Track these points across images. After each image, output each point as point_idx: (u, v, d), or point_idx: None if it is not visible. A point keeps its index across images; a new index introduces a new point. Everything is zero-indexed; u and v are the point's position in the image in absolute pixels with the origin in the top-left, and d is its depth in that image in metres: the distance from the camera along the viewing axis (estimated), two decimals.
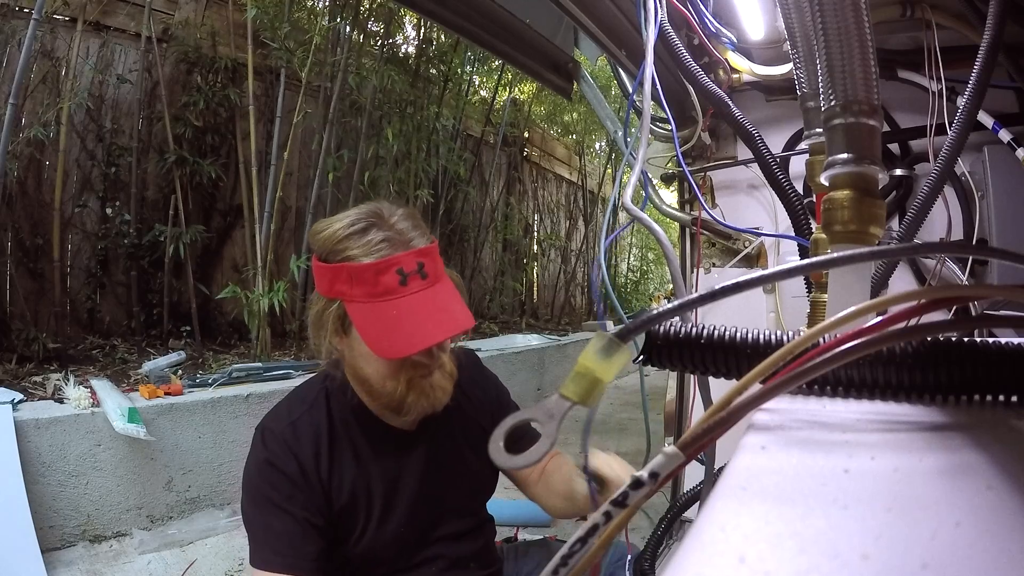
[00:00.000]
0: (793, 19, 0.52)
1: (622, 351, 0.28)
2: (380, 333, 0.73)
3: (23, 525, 1.77)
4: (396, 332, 0.72)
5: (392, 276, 0.73)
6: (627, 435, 3.55)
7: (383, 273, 0.72)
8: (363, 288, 0.73)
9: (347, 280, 0.74)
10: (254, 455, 0.82)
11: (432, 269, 0.76)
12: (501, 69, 5.21)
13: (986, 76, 0.70)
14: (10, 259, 2.92)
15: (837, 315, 0.27)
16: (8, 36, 2.79)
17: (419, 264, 0.74)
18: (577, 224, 7.59)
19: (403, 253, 0.74)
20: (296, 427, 0.82)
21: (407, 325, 0.72)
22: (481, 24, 1.17)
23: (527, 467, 0.29)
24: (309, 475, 0.79)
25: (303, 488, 0.79)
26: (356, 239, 0.74)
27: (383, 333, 0.72)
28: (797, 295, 1.34)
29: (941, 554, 0.16)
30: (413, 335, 0.72)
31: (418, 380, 0.78)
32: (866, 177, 0.41)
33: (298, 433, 0.82)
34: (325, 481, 0.81)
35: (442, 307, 0.75)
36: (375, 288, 0.73)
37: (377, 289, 0.73)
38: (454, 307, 0.77)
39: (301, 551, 0.77)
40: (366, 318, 0.73)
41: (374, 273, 0.72)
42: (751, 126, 0.79)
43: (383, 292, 0.73)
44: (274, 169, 3.32)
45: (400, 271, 0.73)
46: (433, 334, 0.73)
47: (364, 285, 0.73)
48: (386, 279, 0.73)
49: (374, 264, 0.72)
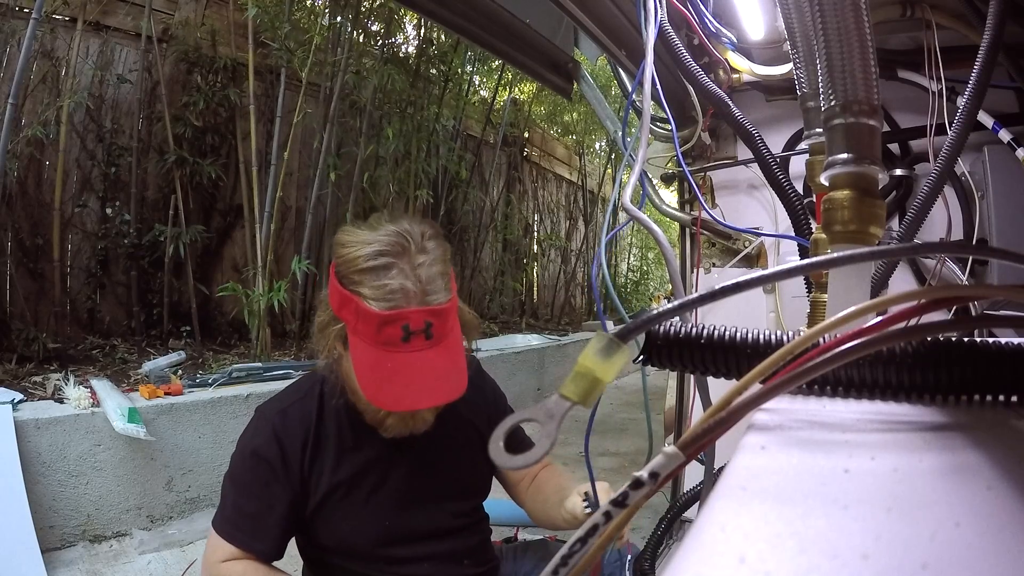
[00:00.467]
0: (793, 19, 0.52)
1: (622, 351, 0.28)
2: (372, 379, 0.73)
3: (23, 525, 1.77)
4: (387, 384, 0.72)
5: (396, 330, 0.72)
6: (627, 435, 3.55)
7: (388, 324, 0.72)
8: (367, 326, 0.73)
9: (354, 314, 0.74)
10: (245, 438, 0.86)
11: (439, 330, 0.74)
12: (501, 69, 5.21)
13: (986, 76, 0.70)
14: (10, 259, 2.92)
15: (837, 315, 0.27)
16: (8, 36, 2.79)
17: (427, 324, 0.73)
18: (577, 224, 7.59)
19: (414, 309, 0.72)
20: (286, 415, 0.85)
21: (399, 382, 0.72)
22: (481, 24, 1.17)
23: (526, 467, 0.29)
24: (290, 463, 0.83)
25: (282, 478, 0.82)
26: (373, 278, 0.73)
27: (375, 380, 0.73)
28: (797, 295, 1.34)
29: (941, 554, 0.16)
30: (401, 395, 0.73)
31: None
32: (866, 177, 0.41)
33: (287, 421, 0.85)
34: (306, 470, 0.84)
35: (439, 373, 0.74)
36: (377, 336, 0.72)
37: (379, 338, 0.72)
38: (451, 373, 0.75)
39: (260, 535, 0.82)
40: (363, 358, 0.74)
41: (379, 322, 0.72)
42: (751, 126, 0.79)
43: (384, 342, 0.72)
44: (274, 169, 3.32)
45: (405, 327, 0.72)
46: (420, 400, 0.74)
47: (368, 328, 0.73)
48: (389, 331, 0.72)
49: (381, 314, 0.71)
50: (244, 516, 0.82)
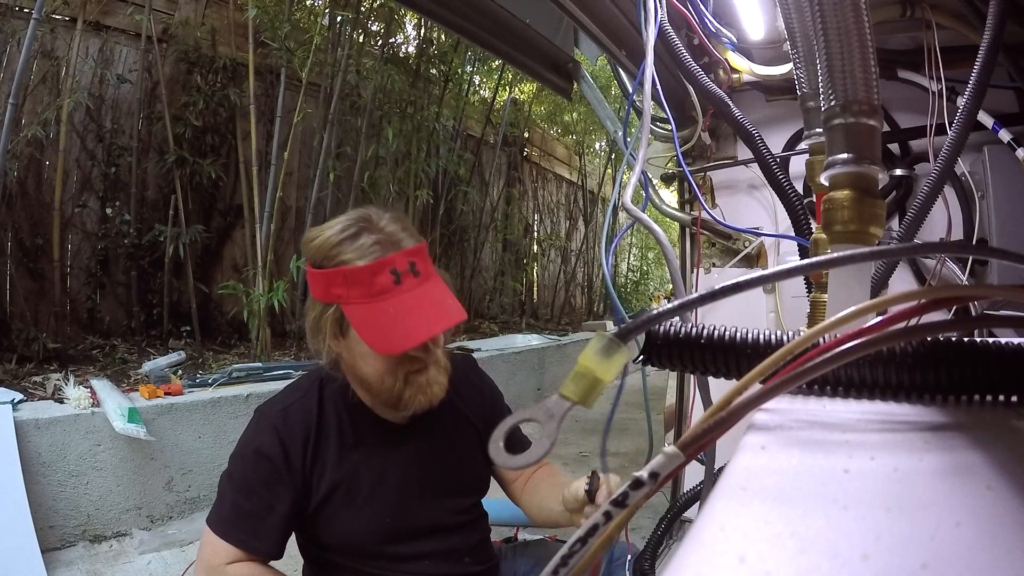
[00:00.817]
0: (793, 19, 0.52)
1: (622, 351, 0.28)
2: (378, 331, 0.75)
3: (23, 525, 1.77)
4: (394, 329, 0.75)
5: (387, 276, 0.76)
6: (627, 435, 3.55)
7: (378, 274, 0.75)
8: (359, 290, 0.76)
9: (343, 283, 0.76)
10: (246, 437, 0.85)
11: (423, 267, 0.79)
12: (501, 69, 5.21)
13: (986, 76, 0.70)
14: (10, 259, 2.92)
15: (837, 315, 0.27)
16: (8, 36, 2.79)
17: (411, 263, 0.78)
18: (577, 224, 7.59)
19: (395, 254, 0.77)
20: (287, 413, 0.85)
21: (404, 321, 0.75)
22: (481, 24, 1.17)
23: (526, 467, 0.29)
24: (293, 462, 0.83)
25: (284, 476, 0.82)
26: (349, 244, 0.77)
27: (381, 331, 0.75)
28: (797, 295, 1.34)
29: (941, 554, 0.16)
30: (411, 330, 0.75)
31: (415, 376, 0.81)
32: (866, 177, 0.41)
33: (288, 419, 0.85)
34: (308, 468, 0.84)
35: (436, 302, 0.78)
36: (371, 289, 0.75)
37: (373, 289, 0.75)
38: (447, 301, 0.80)
39: (260, 534, 0.81)
40: (364, 318, 0.76)
41: (369, 275, 0.75)
42: (751, 126, 0.79)
43: (379, 292, 0.75)
44: (274, 169, 3.32)
45: (394, 271, 0.76)
46: (429, 328, 0.76)
47: (360, 287, 0.76)
48: (381, 279, 0.75)
49: (369, 266, 0.75)
50: (243, 515, 0.81)
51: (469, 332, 5.16)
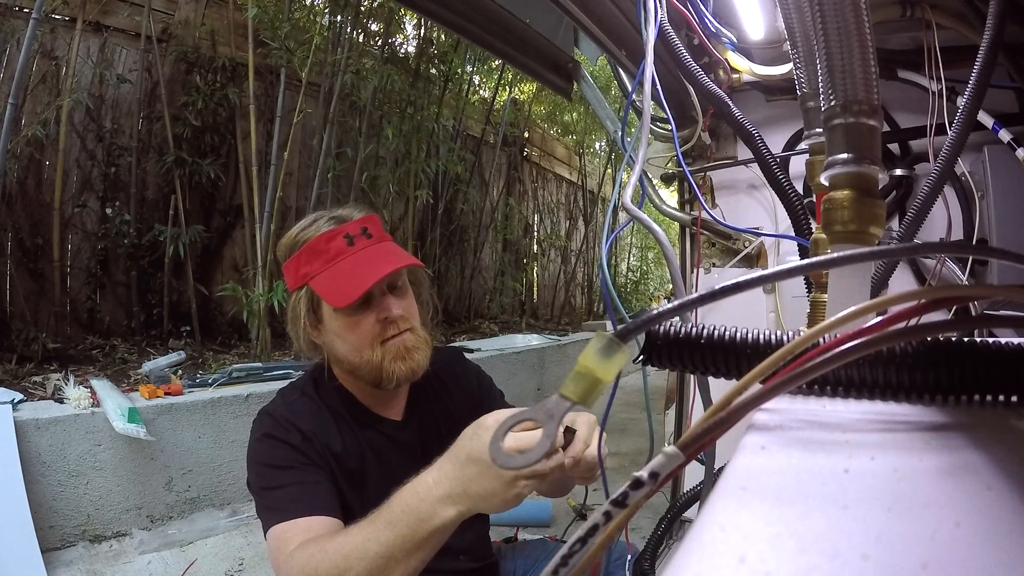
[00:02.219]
0: (793, 19, 0.52)
1: (622, 351, 0.28)
2: (336, 289, 0.81)
3: (23, 525, 1.77)
4: (348, 282, 0.81)
5: (340, 240, 0.84)
6: (627, 435, 3.55)
7: (332, 240, 0.83)
8: (320, 260, 0.83)
9: (307, 258, 0.84)
10: (255, 435, 0.85)
11: (376, 231, 0.86)
12: (501, 69, 5.21)
13: (986, 76, 0.70)
14: (10, 259, 2.92)
15: (837, 315, 0.27)
16: (8, 36, 2.79)
17: (363, 228, 0.85)
18: (577, 224, 7.59)
19: (347, 223, 0.86)
20: (292, 407, 0.87)
21: (356, 273, 0.81)
22: (481, 24, 1.17)
23: (526, 467, 0.29)
24: (313, 442, 0.83)
25: (308, 452, 0.82)
26: (307, 228, 0.87)
27: (336, 286, 0.81)
28: (797, 295, 1.34)
29: (941, 554, 0.16)
30: (360, 279, 0.80)
31: (389, 342, 0.84)
32: (866, 177, 0.41)
33: (295, 411, 0.86)
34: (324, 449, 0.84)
35: (387, 255, 0.84)
36: (328, 255, 0.83)
37: (329, 255, 0.83)
38: (399, 253, 0.86)
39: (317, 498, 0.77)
40: (325, 283, 0.82)
41: (325, 241, 0.83)
42: (751, 126, 0.79)
43: (335, 255, 0.83)
44: (274, 169, 3.32)
45: (347, 235, 0.84)
46: (376, 272, 0.81)
47: (319, 255, 0.83)
48: (335, 244, 0.83)
49: (323, 234, 0.84)
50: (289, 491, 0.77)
51: (469, 332, 5.16)
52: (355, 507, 0.84)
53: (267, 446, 0.82)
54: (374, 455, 0.88)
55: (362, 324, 0.83)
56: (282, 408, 0.87)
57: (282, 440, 0.82)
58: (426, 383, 0.95)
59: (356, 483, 0.85)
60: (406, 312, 0.86)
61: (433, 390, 0.96)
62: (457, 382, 1.00)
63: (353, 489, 0.85)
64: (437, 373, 0.96)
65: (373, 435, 0.89)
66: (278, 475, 0.79)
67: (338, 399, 0.89)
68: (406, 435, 0.92)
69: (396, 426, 0.91)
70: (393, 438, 0.90)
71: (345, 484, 0.84)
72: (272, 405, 0.89)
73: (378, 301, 0.84)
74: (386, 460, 0.88)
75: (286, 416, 0.84)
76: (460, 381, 1.01)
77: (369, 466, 0.87)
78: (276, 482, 0.79)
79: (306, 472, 0.80)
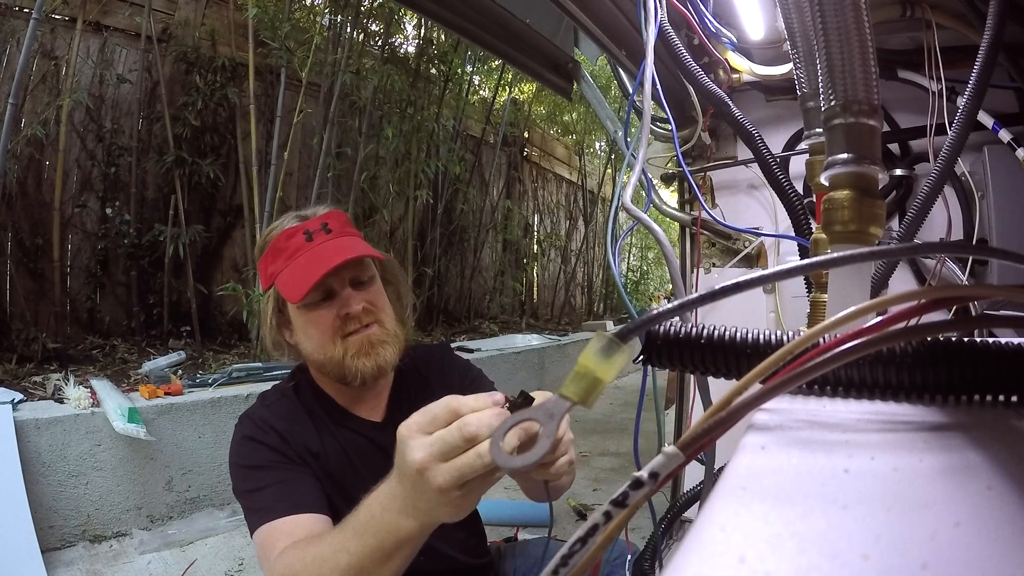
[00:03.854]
0: (793, 19, 0.52)
1: (622, 351, 0.28)
2: (292, 282, 0.81)
3: (23, 525, 1.77)
4: (303, 277, 0.80)
5: (300, 237, 0.84)
6: (627, 435, 3.55)
7: (292, 236, 0.84)
8: (282, 257, 0.84)
9: (272, 257, 0.85)
10: (235, 438, 0.85)
11: (336, 226, 0.86)
12: (501, 69, 5.21)
13: (986, 76, 0.70)
14: (10, 259, 2.92)
15: (837, 315, 0.27)
16: (8, 36, 2.79)
17: (323, 224, 0.85)
18: (577, 224, 7.59)
19: (308, 220, 0.86)
20: (271, 409, 0.87)
21: (310, 268, 0.81)
22: (481, 24, 1.17)
23: (526, 468, 0.29)
24: (290, 441, 0.83)
25: (285, 451, 0.82)
26: (275, 227, 0.88)
27: (293, 280, 0.81)
28: (797, 295, 1.34)
29: (941, 554, 0.16)
30: (313, 271, 0.80)
31: (353, 338, 0.83)
32: (866, 177, 0.41)
33: (273, 412, 0.86)
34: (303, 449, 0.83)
35: (343, 248, 0.83)
36: (288, 252, 0.83)
37: (289, 251, 0.83)
38: (357, 245, 0.85)
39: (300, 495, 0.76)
40: (285, 280, 0.82)
41: (286, 239, 0.84)
42: (751, 126, 0.79)
43: (293, 251, 0.83)
44: (274, 169, 3.32)
45: (306, 231, 0.84)
46: (328, 263, 0.80)
47: (281, 253, 0.84)
48: (295, 241, 0.84)
49: (284, 232, 0.85)
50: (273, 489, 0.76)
51: (469, 332, 5.16)
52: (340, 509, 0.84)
53: (246, 449, 0.81)
54: (356, 457, 0.87)
55: (323, 320, 0.82)
56: (261, 410, 0.86)
57: (260, 441, 0.81)
58: (409, 381, 0.94)
59: (339, 485, 0.84)
60: (372, 306, 0.84)
61: (416, 388, 0.94)
62: (441, 378, 0.97)
63: (338, 492, 0.84)
64: (420, 370, 0.95)
65: (352, 436, 0.88)
66: (259, 476, 0.79)
67: (316, 401, 0.89)
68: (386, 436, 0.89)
69: (375, 427, 0.90)
70: (373, 439, 0.88)
71: (328, 485, 0.83)
72: (252, 408, 0.89)
73: (340, 296, 0.83)
74: (368, 462, 0.87)
75: (264, 417, 0.84)
76: (445, 375, 0.98)
77: (350, 468, 0.86)
78: (257, 483, 0.78)
79: (287, 471, 0.79)
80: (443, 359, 1.01)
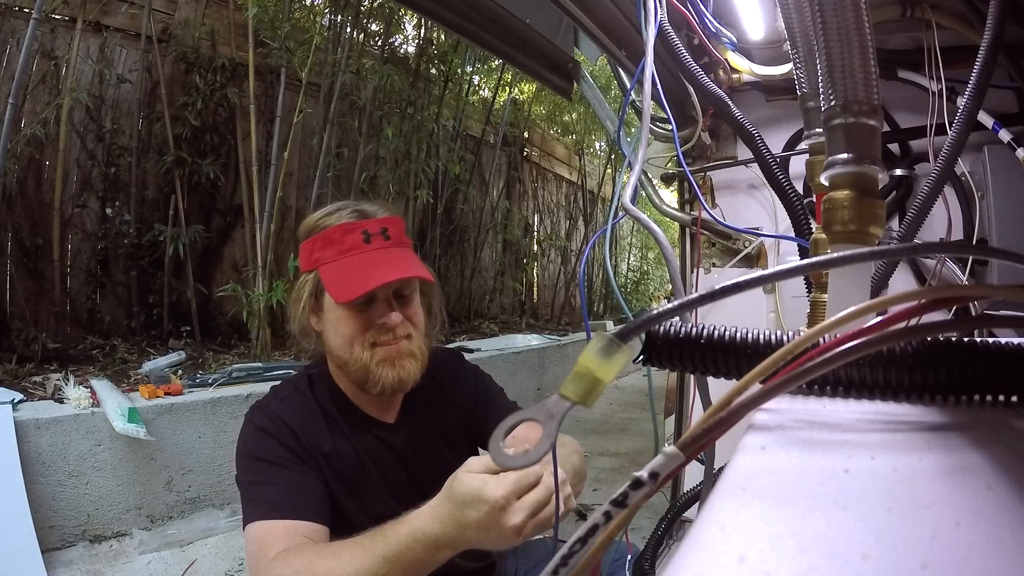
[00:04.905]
0: (793, 19, 0.52)
1: (622, 351, 0.28)
2: (341, 282, 0.80)
3: (23, 525, 1.77)
4: (355, 278, 0.79)
5: (357, 235, 0.82)
6: (627, 435, 3.55)
7: (349, 233, 0.82)
8: (333, 249, 0.82)
9: (321, 245, 0.83)
10: (245, 430, 0.84)
11: (395, 234, 0.85)
12: (501, 69, 5.21)
13: (986, 76, 0.70)
14: (10, 259, 2.92)
15: (837, 315, 0.27)
16: (8, 36, 2.79)
17: (383, 228, 0.84)
18: (577, 224, 7.59)
19: (369, 220, 0.84)
20: (285, 402, 0.86)
21: (365, 272, 0.80)
22: (481, 24, 1.17)
23: (526, 468, 0.29)
24: (301, 439, 0.82)
25: (297, 450, 0.81)
26: (329, 215, 0.86)
27: (344, 282, 0.80)
28: (797, 295, 1.34)
29: (941, 554, 0.16)
30: (366, 279, 0.79)
31: (381, 346, 0.82)
32: (866, 177, 0.41)
33: (287, 406, 0.85)
34: (315, 451, 0.83)
35: (400, 261, 0.82)
36: (342, 246, 0.82)
37: (343, 247, 0.82)
38: (413, 262, 0.84)
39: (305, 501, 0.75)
40: (332, 273, 0.81)
41: (342, 233, 0.82)
42: (751, 126, 0.79)
43: (348, 248, 0.82)
44: (274, 169, 3.32)
45: (365, 231, 0.83)
46: (386, 276, 0.79)
47: (333, 245, 0.82)
48: (352, 237, 0.82)
49: (342, 225, 0.83)
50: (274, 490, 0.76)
51: (469, 332, 5.16)
52: (349, 510, 0.84)
53: (259, 440, 0.81)
54: (367, 458, 0.86)
55: (358, 322, 0.82)
56: (275, 403, 0.85)
57: (273, 436, 0.81)
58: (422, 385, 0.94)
59: (349, 487, 0.84)
60: (409, 321, 0.84)
61: (429, 393, 0.94)
62: (455, 385, 0.98)
63: (347, 493, 0.84)
64: (434, 376, 0.94)
65: (365, 437, 0.88)
66: (267, 471, 0.78)
67: (330, 398, 0.88)
68: (398, 439, 0.90)
69: (389, 429, 0.90)
70: (386, 441, 0.88)
71: (337, 486, 0.83)
72: (265, 399, 0.88)
73: (380, 305, 0.82)
74: (380, 464, 0.87)
75: (277, 412, 0.84)
76: (458, 384, 0.99)
77: (361, 469, 0.85)
78: (264, 478, 0.77)
79: (296, 472, 0.79)
80: (455, 366, 1.02)
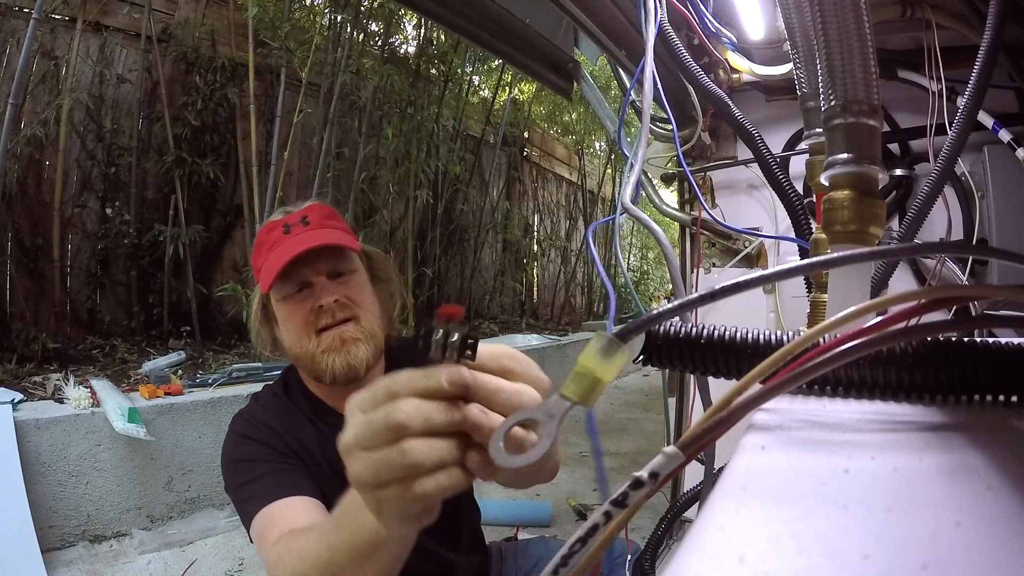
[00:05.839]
0: (793, 19, 0.52)
1: (622, 351, 0.28)
2: (264, 274, 0.82)
3: (23, 525, 1.77)
4: (272, 266, 0.80)
5: (279, 230, 0.84)
6: (627, 435, 3.55)
7: (272, 231, 0.85)
8: (262, 250, 0.85)
9: (256, 251, 0.87)
10: (227, 438, 0.85)
11: (315, 219, 0.85)
12: (501, 69, 5.21)
13: (986, 76, 0.70)
14: (10, 259, 2.92)
15: (837, 315, 0.27)
16: (8, 36, 2.79)
17: (302, 217, 0.85)
18: (577, 224, 7.59)
19: (290, 214, 0.86)
20: (265, 408, 0.88)
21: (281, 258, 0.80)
22: (481, 24, 1.17)
23: (526, 467, 0.29)
24: (283, 436, 0.83)
25: (279, 447, 0.82)
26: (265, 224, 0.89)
27: (266, 273, 0.81)
28: (797, 295, 1.34)
29: (941, 554, 0.16)
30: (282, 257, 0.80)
31: (326, 334, 0.81)
32: (866, 177, 0.41)
33: (267, 411, 0.87)
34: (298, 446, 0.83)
35: (315, 238, 0.82)
36: (267, 244, 0.84)
37: (268, 244, 0.84)
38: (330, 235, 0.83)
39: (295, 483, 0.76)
40: (263, 273, 0.83)
41: (266, 233, 0.85)
42: (751, 126, 0.79)
43: (272, 244, 0.84)
44: (274, 169, 3.32)
45: (285, 224, 0.85)
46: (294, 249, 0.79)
47: (262, 247, 0.85)
48: (274, 234, 0.85)
49: (266, 226, 0.86)
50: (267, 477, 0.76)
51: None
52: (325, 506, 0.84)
53: (241, 446, 0.82)
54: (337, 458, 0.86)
55: (298, 312, 0.81)
56: (256, 409, 0.87)
57: (254, 439, 0.82)
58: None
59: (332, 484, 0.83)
60: (348, 300, 0.82)
61: None
62: None
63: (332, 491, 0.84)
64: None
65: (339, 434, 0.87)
66: (251, 468, 0.79)
67: (304, 398, 0.89)
68: None
69: None
70: None
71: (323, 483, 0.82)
72: (247, 407, 0.89)
73: (316, 290, 0.81)
74: None
75: (257, 416, 0.85)
76: None
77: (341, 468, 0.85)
78: (250, 475, 0.78)
79: (281, 463, 0.79)
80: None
